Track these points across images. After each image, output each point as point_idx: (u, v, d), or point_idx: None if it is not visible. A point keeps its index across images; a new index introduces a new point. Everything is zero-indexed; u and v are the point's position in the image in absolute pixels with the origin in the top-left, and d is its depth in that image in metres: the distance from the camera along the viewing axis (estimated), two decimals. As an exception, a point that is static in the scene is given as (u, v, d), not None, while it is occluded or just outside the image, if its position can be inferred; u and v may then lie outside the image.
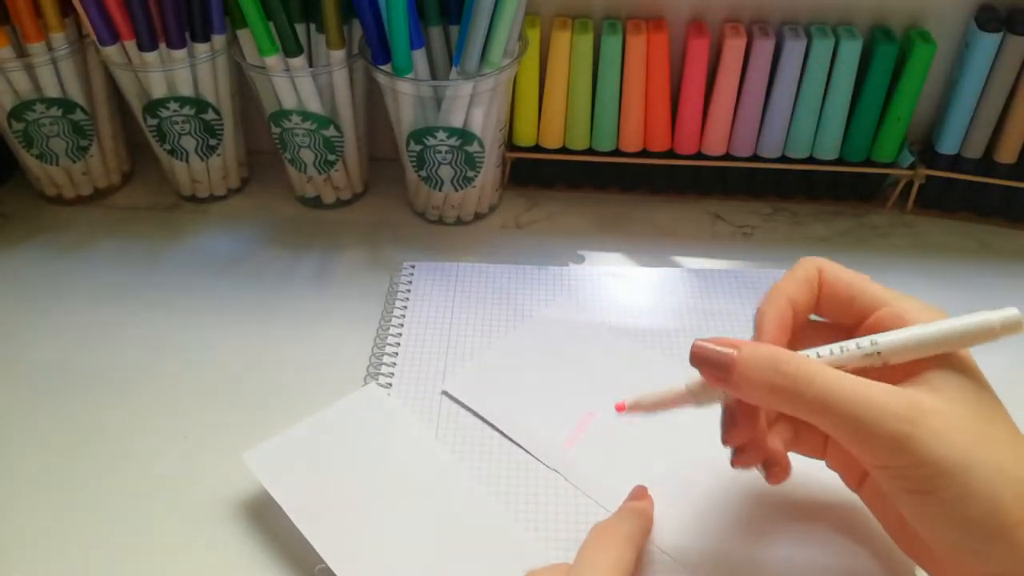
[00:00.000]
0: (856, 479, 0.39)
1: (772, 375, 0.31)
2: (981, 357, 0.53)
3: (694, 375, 0.35)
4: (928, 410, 0.30)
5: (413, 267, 0.59)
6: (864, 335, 0.34)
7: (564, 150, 0.65)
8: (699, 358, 0.33)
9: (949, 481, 0.29)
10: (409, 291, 0.57)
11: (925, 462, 0.29)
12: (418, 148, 0.59)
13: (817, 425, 0.32)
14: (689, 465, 0.46)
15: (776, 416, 0.39)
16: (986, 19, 0.57)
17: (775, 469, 0.37)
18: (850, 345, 0.34)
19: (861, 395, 0.30)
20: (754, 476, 0.40)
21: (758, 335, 0.35)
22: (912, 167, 0.63)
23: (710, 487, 0.45)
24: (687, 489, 0.45)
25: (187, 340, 0.55)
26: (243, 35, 0.58)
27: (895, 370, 0.33)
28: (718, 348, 0.32)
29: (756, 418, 0.35)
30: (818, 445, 0.40)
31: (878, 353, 0.33)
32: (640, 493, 0.42)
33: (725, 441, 0.36)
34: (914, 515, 0.31)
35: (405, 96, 0.57)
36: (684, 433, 0.48)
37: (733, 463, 0.37)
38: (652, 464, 0.46)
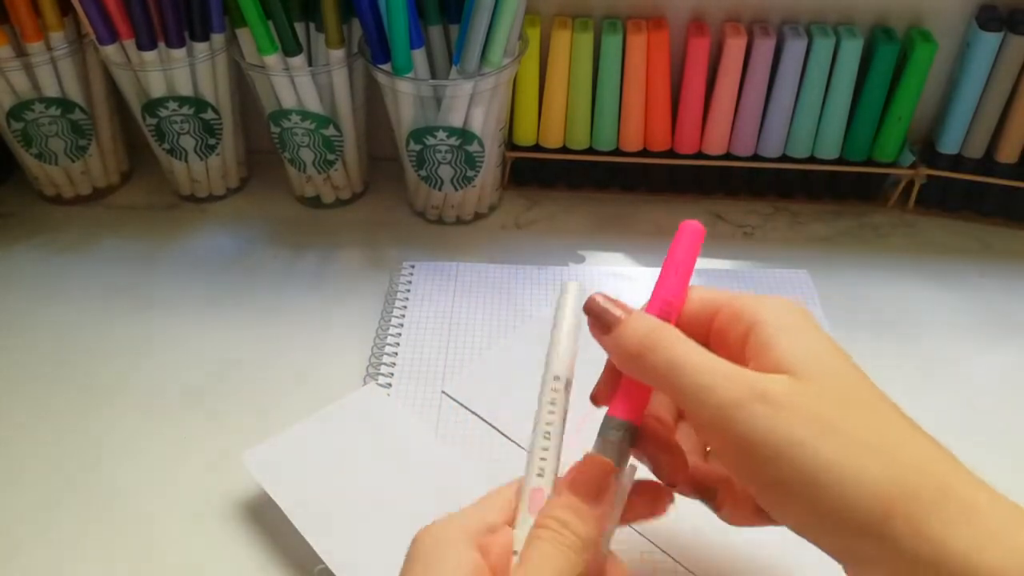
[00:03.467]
0: None
1: (640, 339, 0.31)
2: (988, 356, 0.53)
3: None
4: (769, 393, 0.28)
5: (413, 267, 0.59)
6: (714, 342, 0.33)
7: (564, 150, 0.64)
8: (591, 310, 0.33)
9: (789, 465, 0.27)
10: (409, 291, 0.57)
11: (760, 442, 0.27)
12: (418, 148, 0.59)
13: (670, 398, 0.32)
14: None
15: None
16: (987, 19, 0.57)
17: (713, 496, 0.34)
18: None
19: (701, 369, 0.29)
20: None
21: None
22: (913, 167, 0.63)
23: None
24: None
25: (186, 340, 0.55)
26: (242, 34, 0.57)
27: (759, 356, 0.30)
28: (609, 307, 0.33)
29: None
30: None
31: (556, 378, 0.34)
32: (595, 488, 0.31)
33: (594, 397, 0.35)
34: (778, 515, 0.29)
35: (405, 95, 0.57)
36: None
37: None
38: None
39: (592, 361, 0.35)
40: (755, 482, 0.29)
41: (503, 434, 0.48)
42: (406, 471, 0.45)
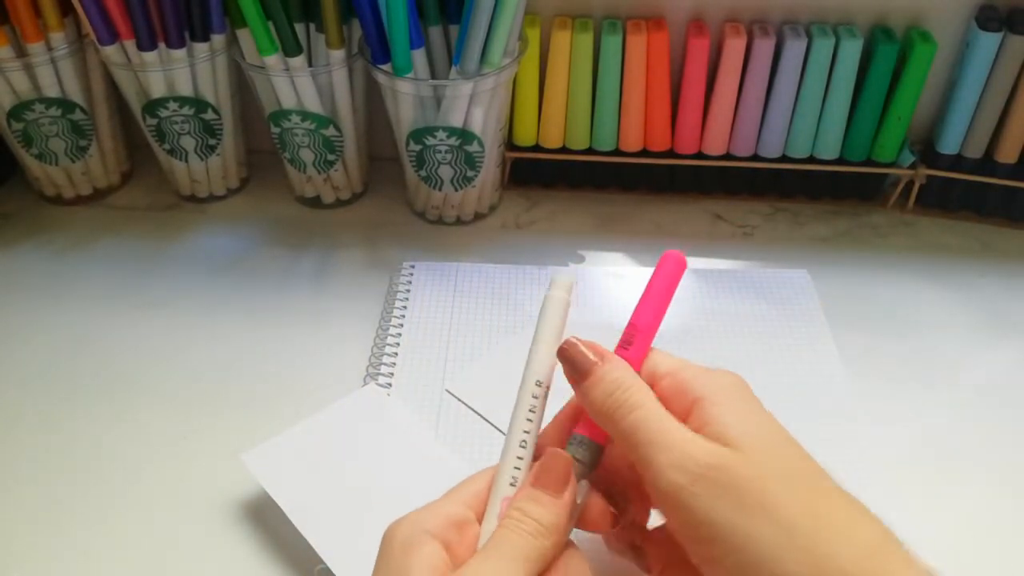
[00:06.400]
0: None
1: (606, 397, 0.31)
2: (988, 356, 0.53)
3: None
4: (720, 467, 0.28)
5: (413, 267, 0.59)
6: None
7: (564, 150, 0.64)
8: (565, 356, 0.33)
9: (726, 547, 0.27)
10: (409, 291, 0.57)
11: (700, 522, 0.28)
12: (418, 148, 0.59)
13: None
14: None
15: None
16: (986, 19, 0.57)
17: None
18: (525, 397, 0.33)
19: (662, 439, 0.29)
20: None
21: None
22: (913, 167, 0.63)
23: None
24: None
25: (186, 340, 0.55)
26: (242, 35, 0.58)
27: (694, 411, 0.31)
28: (586, 352, 0.32)
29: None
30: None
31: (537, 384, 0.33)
32: (557, 479, 0.31)
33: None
34: None
35: (405, 96, 0.57)
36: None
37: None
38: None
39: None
40: (696, 556, 0.29)
41: (504, 434, 0.47)
42: (406, 471, 0.45)
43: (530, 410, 0.33)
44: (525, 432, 0.33)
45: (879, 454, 0.47)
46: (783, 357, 0.53)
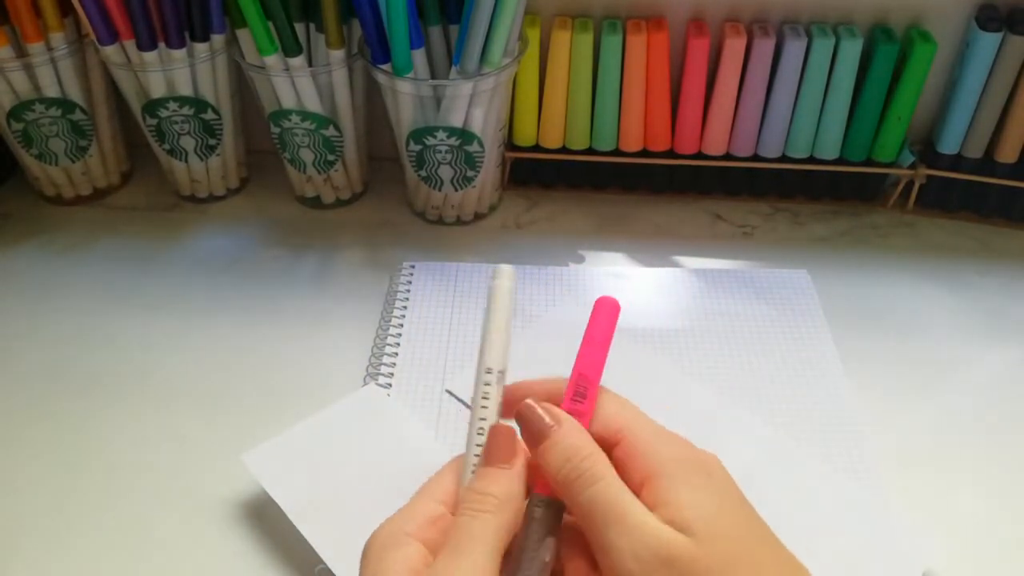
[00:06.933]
0: None
1: (563, 463, 0.30)
2: (988, 356, 0.53)
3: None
4: (675, 560, 0.28)
5: (413, 267, 0.59)
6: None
7: (564, 150, 0.64)
8: (522, 417, 0.32)
9: None
10: (409, 291, 0.57)
11: None
12: (418, 148, 0.59)
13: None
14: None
15: None
16: (987, 18, 0.57)
17: None
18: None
19: (622, 521, 0.29)
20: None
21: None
22: (913, 167, 0.63)
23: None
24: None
25: (186, 340, 0.55)
26: (242, 35, 0.58)
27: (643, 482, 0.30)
28: (543, 416, 0.32)
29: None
30: None
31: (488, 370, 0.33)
32: (504, 452, 0.32)
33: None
34: None
35: (405, 96, 0.57)
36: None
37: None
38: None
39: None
40: None
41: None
42: (406, 471, 0.45)
43: (484, 397, 0.33)
44: (481, 420, 0.33)
45: (879, 454, 0.47)
46: (783, 357, 0.53)
